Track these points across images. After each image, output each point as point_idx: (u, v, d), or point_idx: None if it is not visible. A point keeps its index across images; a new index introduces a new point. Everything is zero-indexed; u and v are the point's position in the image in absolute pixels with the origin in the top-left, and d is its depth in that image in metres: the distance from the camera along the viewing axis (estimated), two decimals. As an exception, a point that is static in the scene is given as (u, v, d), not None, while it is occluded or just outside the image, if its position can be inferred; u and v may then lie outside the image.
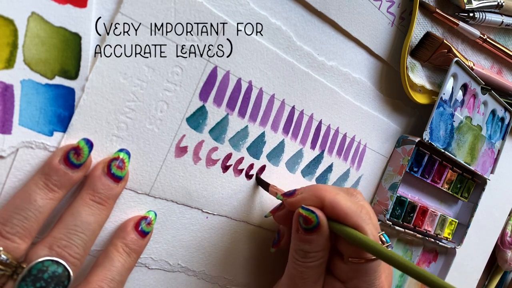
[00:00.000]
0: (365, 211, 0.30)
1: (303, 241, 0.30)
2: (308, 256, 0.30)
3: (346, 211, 0.29)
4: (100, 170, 0.26)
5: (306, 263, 0.30)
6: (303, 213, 0.30)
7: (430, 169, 0.47)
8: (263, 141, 0.35)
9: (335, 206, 0.29)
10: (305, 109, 0.37)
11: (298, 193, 0.31)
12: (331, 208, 0.29)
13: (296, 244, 0.30)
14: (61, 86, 0.25)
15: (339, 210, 0.29)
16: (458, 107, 0.47)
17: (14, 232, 0.23)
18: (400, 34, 0.41)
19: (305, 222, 0.29)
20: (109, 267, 0.26)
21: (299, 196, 0.31)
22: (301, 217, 0.30)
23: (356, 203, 0.30)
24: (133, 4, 0.26)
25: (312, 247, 0.30)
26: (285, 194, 0.32)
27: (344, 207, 0.29)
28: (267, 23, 0.32)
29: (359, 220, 0.29)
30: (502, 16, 0.47)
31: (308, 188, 0.31)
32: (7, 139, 0.24)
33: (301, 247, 0.30)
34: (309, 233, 0.30)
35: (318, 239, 0.29)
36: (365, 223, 0.29)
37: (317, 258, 0.30)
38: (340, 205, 0.29)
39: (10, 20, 0.23)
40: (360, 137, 0.42)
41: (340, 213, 0.29)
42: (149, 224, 0.29)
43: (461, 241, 0.54)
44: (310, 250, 0.30)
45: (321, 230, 0.29)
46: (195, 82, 0.30)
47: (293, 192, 0.32)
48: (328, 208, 0.30)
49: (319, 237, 0.29)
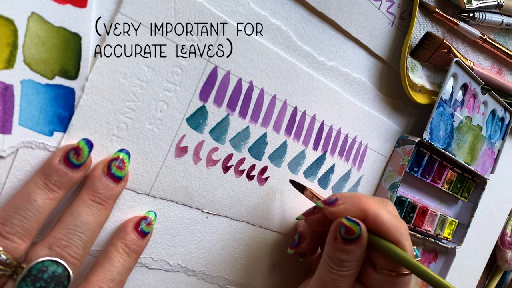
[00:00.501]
0: (405, 227, 0.31)
1: (341, 250, 0.30)
2: (343, 265, 0.30)
3: (388, 226, 0.30)
4: (100, 170, 0.26)
5: (340, 272, 0.30)
6: (347, 224, 0.30)
7: (430, 169, 0.47)
8: (265, 142, 0.35)
9: (378, 220, 0.30)
10: (308, 110, 0.37)
11: (340, 203, 0.31)
12: (374, 221, 0.30)
13: (332, 252, 0.30)
14: (61, 86, 0.25)
15: (381, 224, 0.30)
16: (458, 107, 0.47)
17: (14, 232, 0.23)
18: (400, 34, 0.41)
19: (346, 232, 0.30)
20: (109, 267, 0.26)
21: (342, 206, 0.31)
22: (344, 227, 0.30)
23: (397, 218, 0.31)
24: (133, 4, 0.26)
25: (349, 257, 0.30)
26: (326, 202, 0.32)
27: (386, 222, 0.30)
28: (267, 23, 0.32)
29: (399, 236, 0.30)
30: (502, 16, 0.47)
31: (350, 199, 0.31)
32: (7, 139, 0.24)
33: (337, 256, 0.30)
34: (348, 243, 0.30)
35: (356, 250, 0.30)
36: (404, 239, 0.30)
37: (352, 267, 0.30)
38: (382, 220, 0.30)
39: (10, 20, 0.23)
40: (361, 137, 0.42)
41: (381, 228, 0.30)
42: (149, 224, 0.29)
43: (461, 241, 0.54)
44: (347, 260, 0.30)
45: (361, 242, 0.30)
46: (195, 82, 0.30)
47: (334, 201, 0.32)
48: (371, 221, 0.30)
49: (357, 248, 0.30)
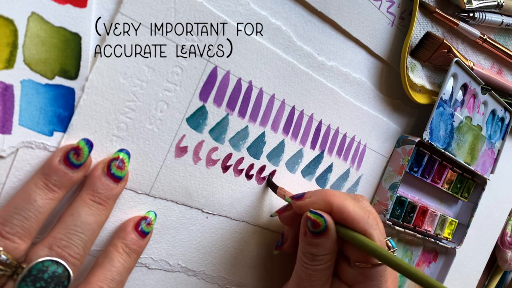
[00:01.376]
0: (372, 217, 0.31)
1: (311, 245, 0.30)
2: (316, 259, 0.30)
3: (353, 216, 0.30)
4: (100, 170, 0.26)
5: (314, 266, 0.30)
6: (312, 216, 0.30)
7: (430, 169, 0.47)
8: (263, 141, 0.35)
9: (343, 211, 0.30)
10: (305, 109, 0.37)
11: (307, 197, 0.32)
12: (339, 213, 0.30)
13: (304, 248, 0.31)
14: (61, 86, 0.25)
15: (347, 215, 0.30)
16: (458, 107, 0.47)
17: (14, 232, 0.23)
18: (400, 34, 0.41)
19: (313, 225, 0.30)
20: (109, 268, 0.26)
21: (308, 199, 0.31)
22: (309, 220, 0.30)
23: (364, 209, 0.31)
24: (133, 4, 0.26)
25: (319, 250, 0.30)
26: (294, 197, 0.33)
27: (352, 212, 0.30)
28: (267, 23, 0.32)
29: (366, 226, 0.30)
30: (502, 16, 0.47)
31: (316, 192, 0.32)
32: (7, 139, 0.24)
33: (309, 250, 0.30)
34: (317, 236, 0.30)
35: (325, 242, 0.30)
36: (372, 228, 0.30)
37: (324, 261, 0.30)
38: (348, 210, 0.30)
39: (10, 20, 0.23)
40: (360, 137, 0.42)
41: (347, 218, 0.30)
42: (149, 224, 0.29)
43: (461, 241, 0.54)
44: (318, 253, 0.30)
45: (328, 234, 0.30)
46: (195, 82, 0.30)
47: (301, 195, 0.32)
48: (336, 213, 0.30)
49: (326, 240, 0.30)
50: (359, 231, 0.30)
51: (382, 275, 0.31)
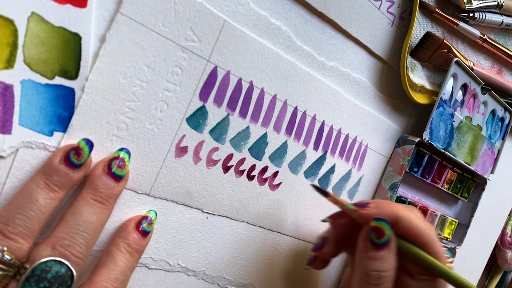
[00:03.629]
0: (434, 231, 0.31)
1: (374, 259, 0.29)
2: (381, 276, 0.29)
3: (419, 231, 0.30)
4: (101, 170, 0.26)
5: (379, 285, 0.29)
6: (377, 224, 0.29)
7: (430, 169, 0.47)
8: (266, 142, 0.35)
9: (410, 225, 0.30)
10: (308, 110, 0.37)
11: (372, 206, 0.31)
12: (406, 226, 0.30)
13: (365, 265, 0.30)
14: (61, 86, 0.25)
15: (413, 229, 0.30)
16: (458, 107, 0.47)
17: (17, 232, 0.23)
18: (400, 34, 0.41)
19: (377, 235, 0.29)
20: (113, 267, 0.26)
21: (374, 210, 0.31)
22: (373, 231, 0.30)
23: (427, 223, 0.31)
24: (133, 4, 0.26)
25: (383, 265, 0.29)
26: (357, 205, 0.32)
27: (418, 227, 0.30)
28: (267, 23, 0.32)
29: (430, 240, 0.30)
30: (502, 16, 0.47)
31: (381, 204, 0.31)
32: (7, 139, 0.24)
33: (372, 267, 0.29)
34: (380, 248, 0.29)
35: (388, 255, 0.29)
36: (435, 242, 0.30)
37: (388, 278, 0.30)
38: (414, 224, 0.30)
39: (10, 20, 0.23)
40: (361, 137, 0.42)
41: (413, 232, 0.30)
42: (150, 223, 0.29)
43: (461, 241, 0.54)
44: (382, 269, 0.29)
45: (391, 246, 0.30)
46: (195, 82, 0.30)
47: (365, 204, 0.32)
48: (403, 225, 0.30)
49: (389, 253, 0.29)
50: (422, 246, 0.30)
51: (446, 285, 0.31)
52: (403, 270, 0.32)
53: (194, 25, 0.29)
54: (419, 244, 0.30)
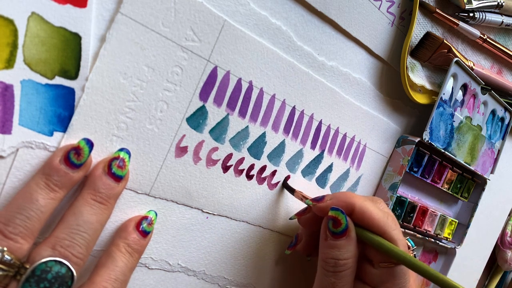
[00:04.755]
0: (392, 218, 0.31)
1: (333, 247, 0.30)
2: (338, 264, 0.30)
3: (374, 218, 0.30)
4: (101, 170, 0.26)
5: (336, 273, 0.30)
6: (333, 214, 0.30)
7: (430, 169, 0.47)
8: (264, 142, 0.35)
9: (365, 212, 0.30)
10: (306, 109, 0.37)
11: (327, 199, 0.32)
12: (361, 214, 0.30)
13: (325, 253, 0.31)
14: (61, 86, 0.25)
15: (368, 217, 0.30)
16: (458, 107, 0.47)
17: (17, 232, 0.23)
18: (400, 34, 0.41)
19: (334, 224, 0.30)
20: (113, 267, 0.26)
21: (329, 201, 0.32)
22: (331, 220, 0.30)
23: (383, 211, 0.31)
24: (133, 4, 0.26)
25: (341, 253, 0.30)
26: (314, 199, 0.33)
27: (373, 214, 0.30)
28: (267, 23, 0.32)
29: (386, 226, 0.30)
30: (502, 16, 0.47)
31: (336, 195, 0.32)
32: (7, 139, 0.24)
33: (331, 255, 0.30)
34: (338, 237, 0.30)
35: (347, 244, 0.30)
36: (391, 229, 0.30)
37: (347, 266, 0.30)
38: (369, 212, 0.30)
39: (10, 20, 0.23)
40: (360, 137, 0.42)
41: (369, 220, 0.30)
42: (150, 224, 0.29)
43: (461, 241, 0.54)
44: (340, 257, 0.30)
45: (349, 235, 0.30)
46: (195, 82, 0.30)
47: (321, 198, 0.33)
48: (358, 214, 0.30)
49: (348, 242, 0.30)
50: (379, 233, 0.30)
51: (406, 273, 0.31)
52: (365, 258, 0.32)
53: (194, 25, 0.29)
54: (376, 231, 0.30)
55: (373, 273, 0.31)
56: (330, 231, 0.30)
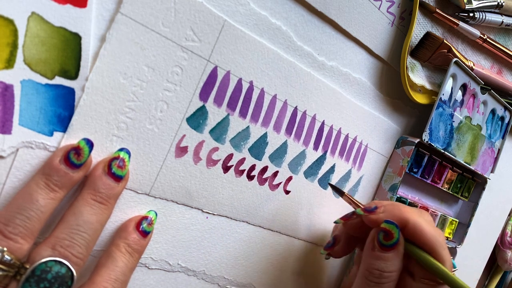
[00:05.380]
0: (443, 237, 0.31)
1: (379, 259, 0.30)
2: (383, 276, 0.30)
3: (427, 235, 0.30)
4: (101, 170, 0.26)
5: (380, 284, 0.30)
6: (386, 227, 0.30)
7: (430, 169, 0.47)
8: (266, 142, 0.35)
9: (417, 229, 0.30)
10: (308, 110, 0.37)
11: (380, 211, 0.32)
12: (413, 230, 0.30)
13: (370, 264, 0.30)
14: (61, 86, 0.25)
15: (420, 233, 0.30)
16: (457, 107, 0.47)
17: (17, 232, 0.23)
18: (400, 34, 0.41)
19: (385, 237, 0.30)
20: (113, 268, 0.26)
21: (382, 215, 0.31)
22: (382, 232, 0.30)
23: (435, 228, 0.31)
24: (133, 4, 0.26)
25: (387, 265, 0.30)
26: (366, 209, 0.33)
27: (426, 231, 0.30)
28: (267, 23, 0.32)
29: (437, 246, 0.30)
30: (502, 16, 0.47)
31: (389, 207, 0.32)
32: (7, 139, 0.24)
33: (376, 266, 0.30)
34: (386, 250, 0.30)
35: (394, 258, 0.30)
36: (442, 248, 0.30)
37: (391, 279, 0.30)
38: (422, 228, 0.30)
39: (10, 20, 0.23)
40: (361, 137, 0.42)
41: (421, 237, 0.30)
42: (150, 224, 0.29)
43: (461, 241, 0.54)
44: (386, 269, 0.30)
45: (398, 249, 0.30)
46: (195, 82, 0.30)
47: (374, 209, 0.32)
48: (411, 230, 0.30)
49: (395, 255, 0.30)
50: (429, 251, 0.30)
51: None
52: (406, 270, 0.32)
53: (194, 25, 0.29)
54: (426, 249, 0.30)
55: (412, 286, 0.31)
56: (379, 242, 0.30)
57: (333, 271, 0.45)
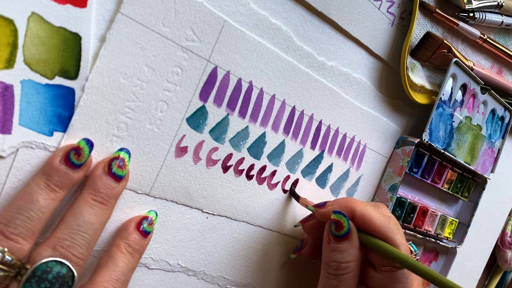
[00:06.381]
0: (393, 222, 0.31)
1: (335, 251, 0.31)
2: (340, 267, 0.30)
3: (375, 222, 0.30)
4: (101, 170, 0.26)
5: (339, 276, 0.30)
6: (335, 217, 0.31)
7: (430, 169, 0.47)
8: (264, 142, 0.35)
9: (365, 217, 0.31)
10: (306, 109, 0.37)
11: (329, 205, 0.33)
12: (361, 218, 0.31)
13: (328, 256, 0.31)
14: (61, 86, 0.25)
15: (368, 221, 0.30)
16: (457, 107, 0.47)
17: (18, 232, 0.23)
18: (400, 34, 0.41)
19: (336, 227, 0.31)
20: (114, 268, 0.26)
21: (330, 207, 0.32)
22: (333, 223, 0.31)
23: (384, 215, 0.32)
24: (133, 4, 0.26)
25: (344, 256, 0.30)
26: (316, 205, 0.34)
27: (373, 218, 0.30)
28: (267, 23, 0.32)
29: (388, 231, 0.30)
30: (502, 16, 0.47)
31: (338, 200, 0.33)
32: (7, 139, 0.24)
33: (333, 258, 0.31)
34: (340, 240, 0.30)
35: (349, 247, 0.30)
36: (393, 233, 0.30)
37: (350, 269, 0.30)
38: (370, 216, 0.31)
39: (10, 20, 0.23)
40: (360, 137, 0.42)
41: (370, 224, 0.30)
42: (151, 224, 0.29)
43: (461, 241, 0.54)
44: (342, 260, 0.30)
45: (351, 238, 0.30)
46: (195, 82, 0.30)
47: (324, 203, 0.33)
48: (359, 218, 0.31)
49: (350, 245, 0.30)
50: (381, 237, 0.30)
51: (408, 277, 0.31)
52: (368, 262, 0.32)
53: (194, 25, 0.29)
54: (378, 236, 0.30)
55: (375, 277, 0.31)
56: (332, 234, 0.31)
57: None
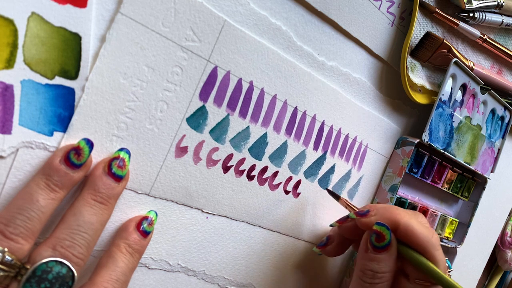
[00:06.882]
0: (436, 237, 0.31)
1: (373, 260, 0.31)
2: (376, 276, 0.30)
3: (419, 236, 0.30)
4: (101, 170, 0.26)
5: (373, 285, 0.30)
6: (378, 228, 0.31)
7: (430, 169, 0.47)
8: (266, 142, 0.35)
9: (409, 230, 0.30)
10: (308, 110, 0.37)
11: (372, 214, 0.32)
12: (405, 231, 0.31)
13: (364, 265, 0.31)
14: (61, 86, 0.25)
15: (411, 234, 0.30)
16: (457, 107, 0.47)
17: (18, 232, 0.23)
18: (400, 34, 0.41)
19: (377, 239, 0.30)
20: (114, 268, 0.26)
21: (373, 217, 0.32)
22: (374, 234, 0.31)
23: (428, 229, 0.31)
24: (133, 4, 0.26)
25: (380, 266, 0.30)
26: (358, 213, 0.33)
27: (417, 232, 0.30)
28: (267, 23, 0.32)
29: (429, 246, 0.30)
30: (502, 16, 0.47)
31: (381, 210, 0.32)
32: (7, 139, 0.24)
33: (370, 267, 0.31)
34: (379, 251, 0.30)
35: (387, 258, 0.30)
36: (434, 249, 0.30)
37: (384, 279, 0.30)
38: (413, 230, 0.30)
39: (10, 20, 0.23)
40: (361, 137, 0.42)
41: (412, 238, 0.30)
42: (151, 224, 0.29)
43: (461, 241, 0.54)
44: (379, 270, 0.30)
45: (390, 250, 0.30)
46: (195, 82, 0.30)
47: (366, 212, 0.33)
48: (402, 231, 0.31)
49: (388, 256, 0.30)
50: (422, 251, 0.30)
51: None
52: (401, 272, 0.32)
53: (194, 25, 0.29)
54: (419, 250, 0.30)
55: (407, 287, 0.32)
56: (371, 244, 0.31)
57: (334, 271, 0.45)
